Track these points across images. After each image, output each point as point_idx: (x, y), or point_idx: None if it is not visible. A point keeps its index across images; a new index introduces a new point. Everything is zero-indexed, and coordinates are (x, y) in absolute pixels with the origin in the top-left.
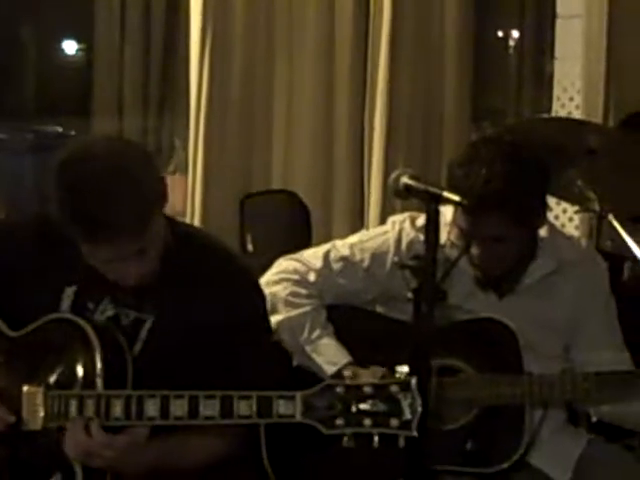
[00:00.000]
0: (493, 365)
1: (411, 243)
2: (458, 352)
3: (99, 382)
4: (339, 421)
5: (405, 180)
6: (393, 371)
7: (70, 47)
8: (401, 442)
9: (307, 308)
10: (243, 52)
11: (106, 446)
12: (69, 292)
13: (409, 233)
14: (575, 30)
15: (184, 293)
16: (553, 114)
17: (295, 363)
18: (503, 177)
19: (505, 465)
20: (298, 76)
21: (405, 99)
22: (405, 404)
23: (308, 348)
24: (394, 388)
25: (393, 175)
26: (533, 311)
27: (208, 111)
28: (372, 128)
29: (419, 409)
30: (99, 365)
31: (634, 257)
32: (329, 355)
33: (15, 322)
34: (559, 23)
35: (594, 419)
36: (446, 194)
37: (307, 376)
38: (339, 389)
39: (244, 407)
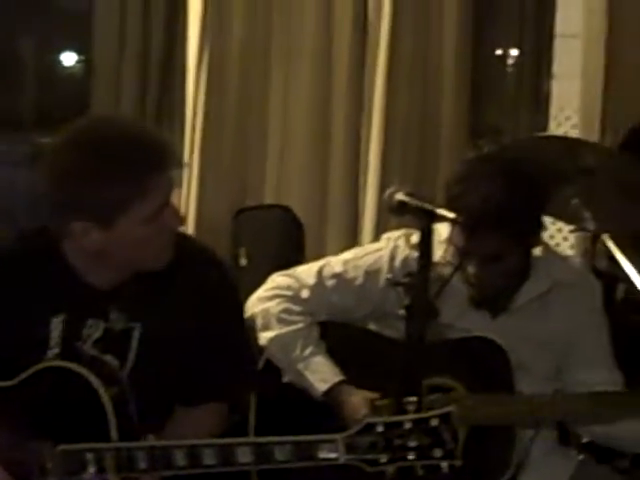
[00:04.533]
0: (484, 384)
1: (405, 260)
2: (449, 371)
3: (113, 433)
4: (383, 459)
5: (400, 197)
6: (386, 395)
7: (69, 59)
8: (445, 468)
9: (300, 325)
10: (240, 67)
11: None
12: (56, 322)
13: (403, 250)
14: (574, 49)
15: (165, 296)
16: (550, 133)
17: (286, 380)
18: (500, 195)
19: None
20: (294, 91)
21: (402, 116)
22: (446, 434)
23: (300, 365)
24: (434, 421)
25: (388, 192)
26: (526, 331)
27: (204, 125)
28: (368, 144)
29: (459, 438)
30: (110, 410)
31: (628, 278)
32: (321, 373)
33: (3, 365)
34: (558, 42)
35: (585, 440)
36: (440, 211)
37: (298, 393)
38: (379, 427)
39: (281, 453)
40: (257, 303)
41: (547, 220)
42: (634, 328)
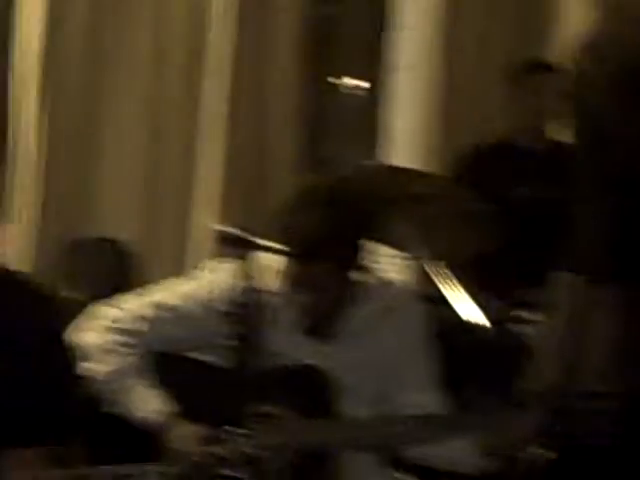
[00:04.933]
0: (310, 411)
1: (232, 290)
2: (276, 399)
3: None
4: None
5: (227, 228)
6: (213, 425)
7: None
8: None
9: (126, 357)
10: (71, 102)
11: None
12: None
13: (232, 281)
14: (410, 80)
15: None
16: (385, 162)
17: (113, 411)
18: (320, 225)
19: None
20: (126, 120)
21: (238, 148)
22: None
23: (126, 397)
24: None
25: (217, 224)
26: (354, 356)
27: (37, 159)
28: (201, 176)
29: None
30: None
31: (450, 304)
32: (148, 404)
33: None
34: (395, 73)
35: (409, 461)
36: (267, 242)
37: (121, 423)
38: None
39: None
40: (81, 334)
41: (376, 246)
42: (466, 350)
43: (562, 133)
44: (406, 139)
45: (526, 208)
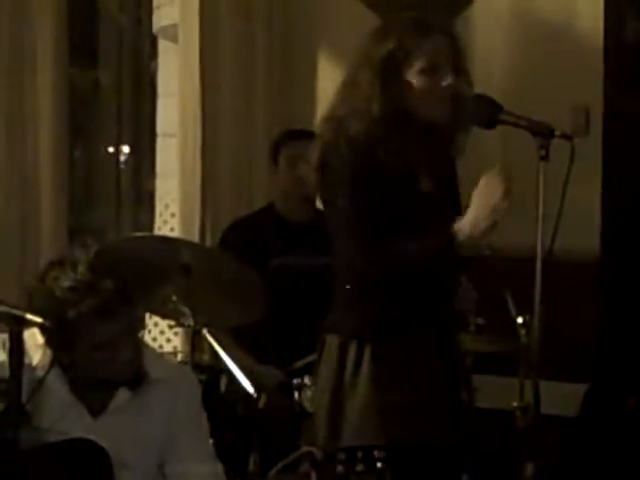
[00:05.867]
0: None
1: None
2: (49, 476)
3: None
4: None
5: None
6: None
7: None
8: None
9: None
10: None
11: None
12: None
13: None
14: (172, 148)
15: None
16: (156, 231)
17: None
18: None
19: None
20: None
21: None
22: None
23: None
24: None
25: None
26: (126, 429)
27: None
28: None
29: None
30: None
31: (229, 370)
32: None
33: None
34: (159, 141)
35: None
36: (29, 316)
37: None
38: None
39: None
40: None
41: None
42: (241, 417)
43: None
44: (173, 206)
45: (288, 277)
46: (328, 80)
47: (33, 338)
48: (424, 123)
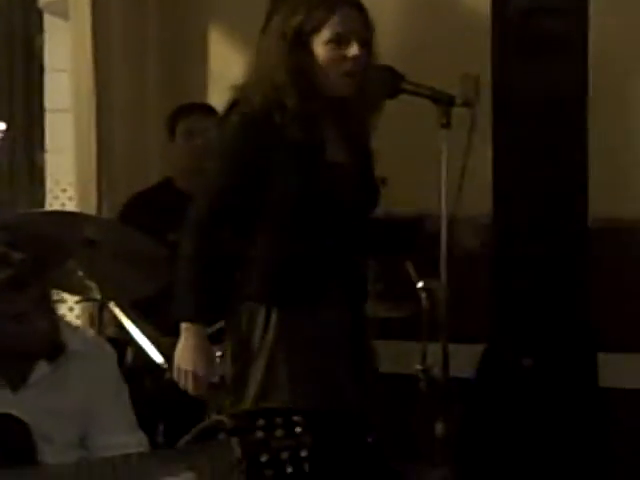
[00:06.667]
0: (6, 460)
1: None
2: None
3: None
4: None
5: None
6: None
7: None
8: None
9: None
10: None
11: None
12: None
13: None
14: (64, 123)
15: None
16: (47, 207)
17: None
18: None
19: None
20: None
21: None
22: None
23: None
24: None
25: None
26: (46, 402)
27: None
28: None
29: None
30: None
31: (136, 342)
32: None
33: None
34: (48, 117)
35: None
36: None
37: None
38: None
39: None
40: None
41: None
42: (148, 389)
43: None
44: (64, 182)
45: None
46: (220, 55)
47: None
48: (330, 95)
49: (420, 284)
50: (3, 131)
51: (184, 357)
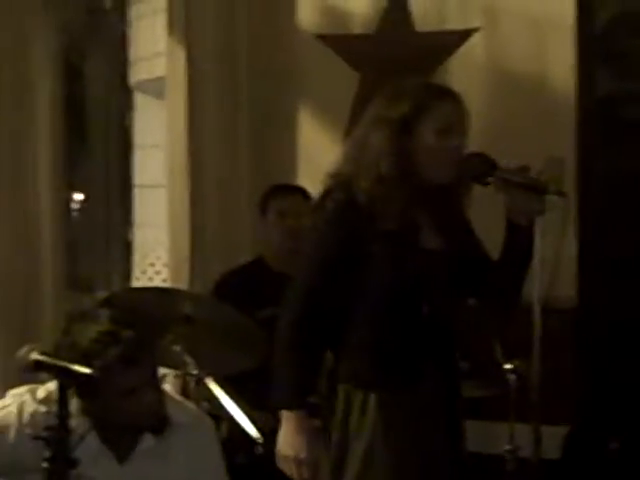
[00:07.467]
0: None
1: (33, 415)
2: None
3: None
4: None
5: (35, 356)
6: None
7: None
8: None
9: None
10: None
11: None
12: None
13: (30, 405)
14: (157, 199)
15: None
16: (134, 280)
17: None
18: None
19: None
20: None
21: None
22: None
23: None
24: None
25: (22, 350)
26: (151, 474)
27: None
28: None
29: None
30: None
31: (230, 417)
32: None
33: None
34: (136, 191)
35: None
36: (77, 367)
37: None
38: None
39: None
40: None
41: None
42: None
43: None
44: (150, 256)
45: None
46: (309, 135)
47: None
48: (429, 182)
49: (508, 365)
50: (81, 201)
51: (286, 443)
